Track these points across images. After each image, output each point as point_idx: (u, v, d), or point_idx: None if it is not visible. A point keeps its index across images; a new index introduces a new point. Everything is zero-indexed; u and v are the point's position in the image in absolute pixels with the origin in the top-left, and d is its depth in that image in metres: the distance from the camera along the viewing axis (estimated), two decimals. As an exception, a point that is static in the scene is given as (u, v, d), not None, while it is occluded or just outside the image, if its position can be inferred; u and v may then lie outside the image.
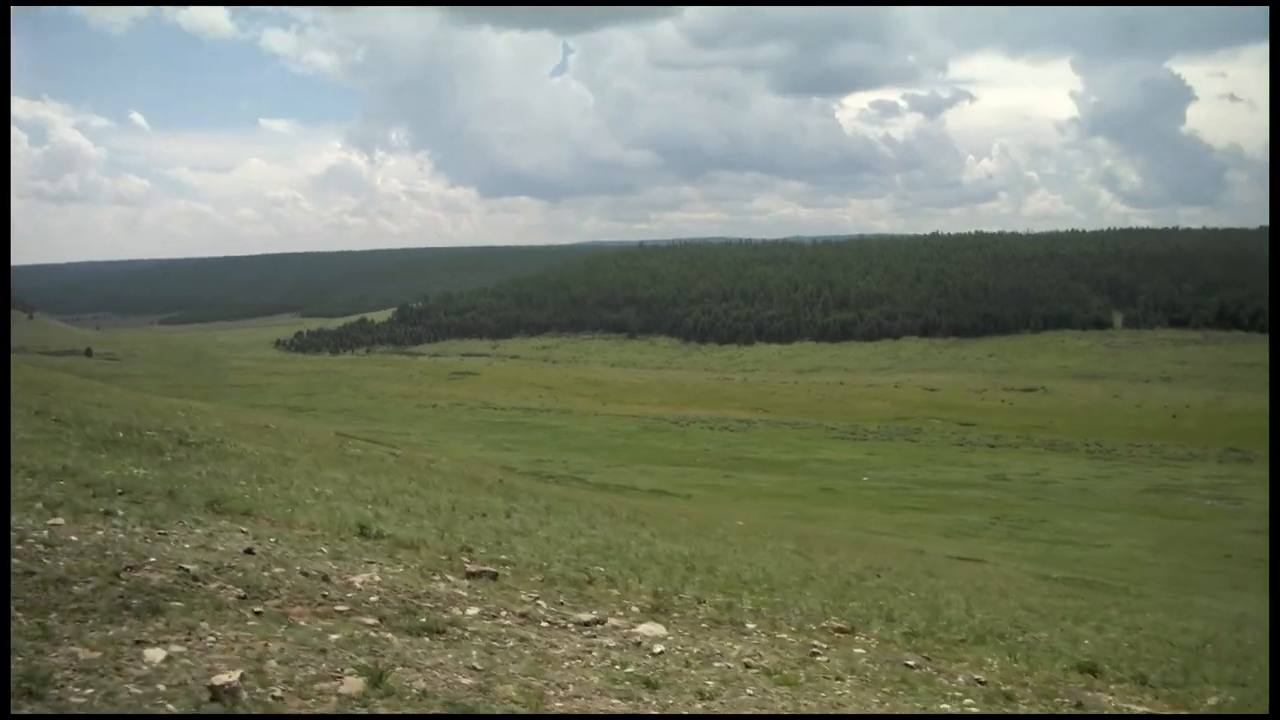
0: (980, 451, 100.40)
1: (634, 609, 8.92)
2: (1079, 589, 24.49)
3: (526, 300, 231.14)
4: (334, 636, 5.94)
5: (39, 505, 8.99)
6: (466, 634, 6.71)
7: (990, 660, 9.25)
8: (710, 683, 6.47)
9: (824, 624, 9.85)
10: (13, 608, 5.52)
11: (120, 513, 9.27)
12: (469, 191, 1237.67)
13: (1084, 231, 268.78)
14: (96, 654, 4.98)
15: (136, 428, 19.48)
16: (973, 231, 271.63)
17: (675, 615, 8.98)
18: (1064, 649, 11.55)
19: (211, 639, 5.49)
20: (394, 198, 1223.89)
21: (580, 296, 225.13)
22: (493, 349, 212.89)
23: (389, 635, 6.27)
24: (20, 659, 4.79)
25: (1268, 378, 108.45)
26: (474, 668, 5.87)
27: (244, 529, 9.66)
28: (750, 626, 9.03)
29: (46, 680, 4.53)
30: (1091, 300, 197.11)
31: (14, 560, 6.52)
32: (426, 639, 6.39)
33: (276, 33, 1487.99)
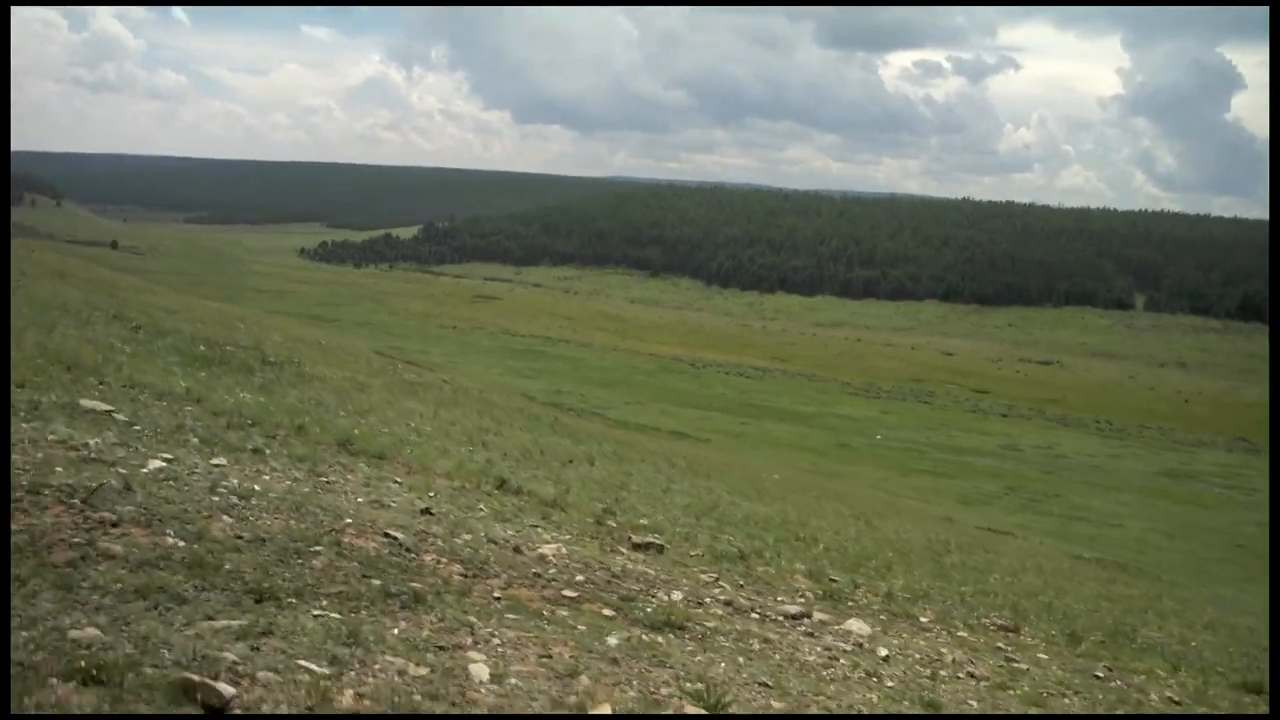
0: (993, 420, 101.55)
1: (806, 593, 8.97)
2: (1115, 572, 25.59)
3: (553, 229, 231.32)
4: (611, 640, 5.67)
5: (193, 440, 8.50)
6: (706, 631, 6.50)
7: (1161, 673, 9.02)
8: (973, 702, 6.32)
9: (986, 620, 9.90)
10: (268, 585, 4.98)
11: (268, 452, 8.90)
12: (503, 115, 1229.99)
13: (1115, 210, 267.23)
14: (422, 670, 4.42)
15: (215, 341, 19.55)
16: (1005, 201, 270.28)
17: (851, 605, 9.02)
18: (1188, 654, 11.63)
19: (498, 642, 5.13)
20: (428, 115, 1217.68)
21: (607, 230, 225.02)
22: (515, 275, 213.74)
23: (640, 633, 6.01)
24: (352, 671, 4.18)
25: (1268, 366, 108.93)
26: (764, 684, 5.57)
27: (397, 479, 9.46)
28: (924, 621, 9.03)
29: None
30: (1116, 280, 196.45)
31: (224, 518, 5.98)
32: (672, 636, 6.15)
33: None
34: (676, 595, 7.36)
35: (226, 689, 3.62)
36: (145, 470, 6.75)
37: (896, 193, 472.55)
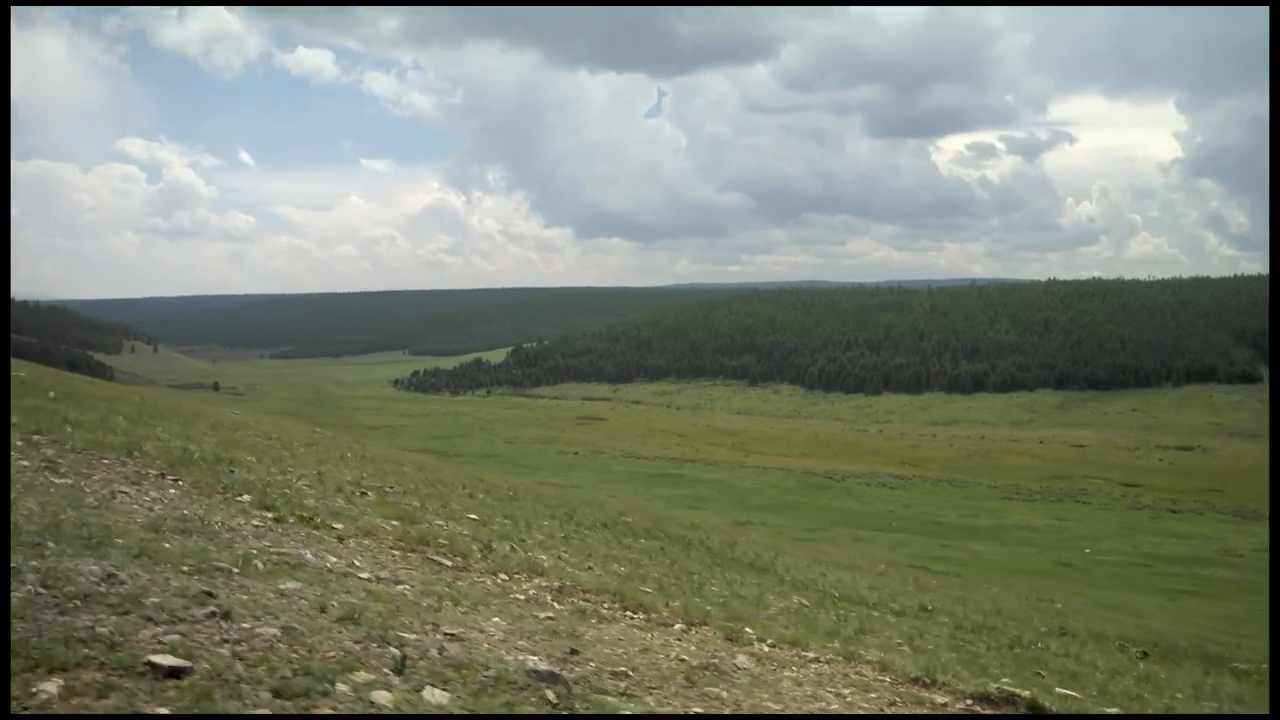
0: (1170, 519, 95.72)
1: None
2: None
3: (644, 344, 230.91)
4: None
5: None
6: None
7: None
8: None
9: None
10: None
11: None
12: (564, 232, 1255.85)
13: (1210, 278, 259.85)
14: None
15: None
16: (1091, 277, 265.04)
17: None
18: None
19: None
20: (489, 237, 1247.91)
21: (698, 342, 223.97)
22: (613, 393, 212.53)
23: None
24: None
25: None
26: None
27: (746, 652, 7.32)
28: None
29: None
30: (1236, 352, 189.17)
31: None
32: None
33: (378, 75, 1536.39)
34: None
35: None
36: None
37: (960, 277, 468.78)
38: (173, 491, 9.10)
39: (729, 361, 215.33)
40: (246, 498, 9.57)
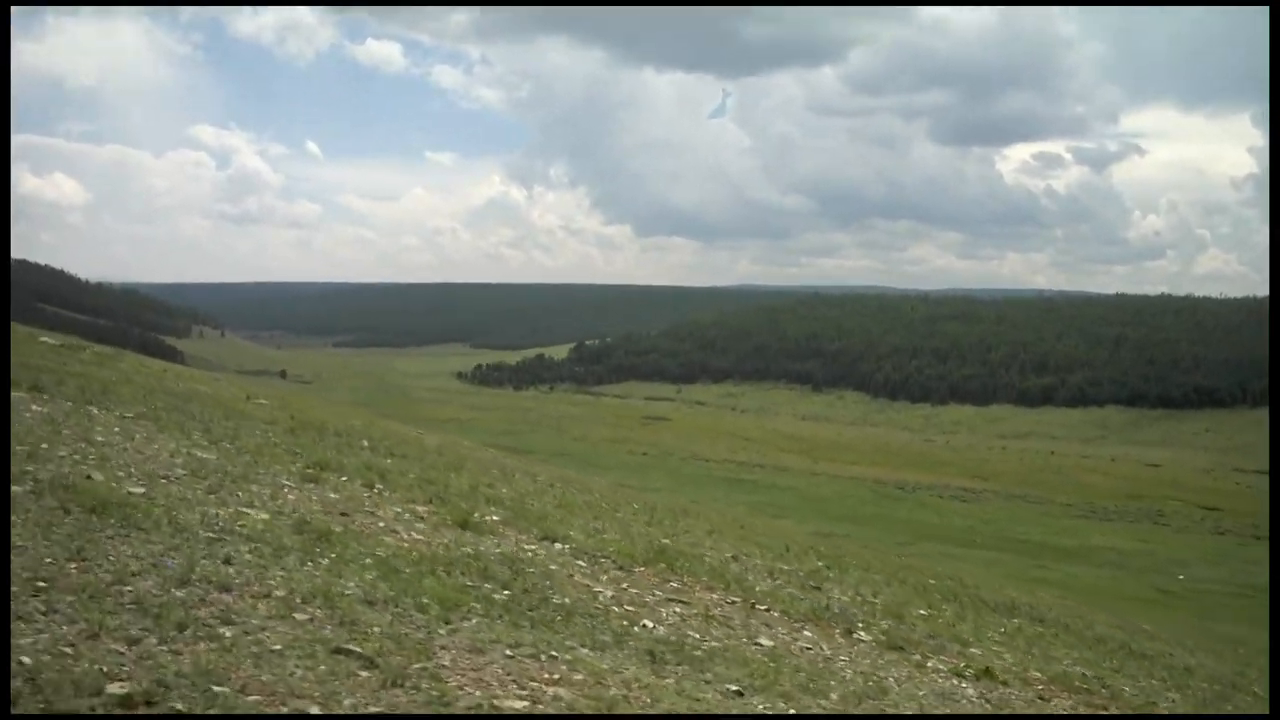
0: (1256, 546, 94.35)
1: None
2: None
3: (709, 345, 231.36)
4: None
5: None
6: None
7: None
8: None
9: None
10: None
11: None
12: (624, 229, 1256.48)
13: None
14: None
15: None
16: (1163, 293, 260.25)
17: None
18: None
19: None
20: (550, 232, 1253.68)
21: (763, 345, 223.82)
22: (677, 394, 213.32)
23: None
24: None
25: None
26: None
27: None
28: None
29: None
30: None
31: None
32: None
33: (446, 68, 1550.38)
34: None
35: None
36: None
37: (1022, 287, 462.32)
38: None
39: (793, 365, 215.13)
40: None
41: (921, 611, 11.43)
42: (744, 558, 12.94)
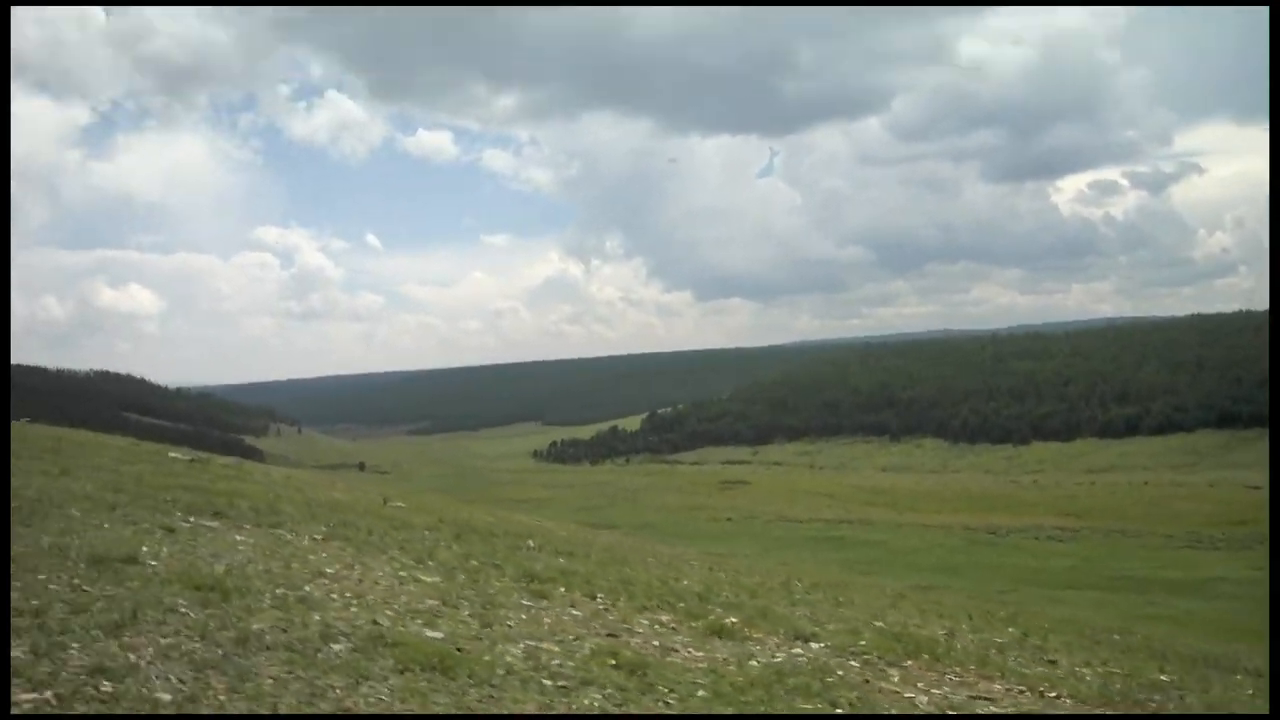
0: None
1: None
2: None
3: (780, 404, 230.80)
4: None
5: None
6: None
7: None
8: None
9: None
10: None
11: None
12: (684, 295, 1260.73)
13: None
14: None
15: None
16: (1235, 310, 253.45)
17: None
18: None
19: None
20: (609, 304, 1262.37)
21: (835, 399, 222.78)
22: (753, 455, 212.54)
23: None
24: None
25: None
26: None
27: None
28: None
29: None
30: None
31: None
32: None
33: (495, 153, 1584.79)
34: None
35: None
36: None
37: (1089, 318, 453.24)
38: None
39: (867, 418, 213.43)
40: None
41: (1163, 677, 10.42)
42: (959, 632, 12.19)
